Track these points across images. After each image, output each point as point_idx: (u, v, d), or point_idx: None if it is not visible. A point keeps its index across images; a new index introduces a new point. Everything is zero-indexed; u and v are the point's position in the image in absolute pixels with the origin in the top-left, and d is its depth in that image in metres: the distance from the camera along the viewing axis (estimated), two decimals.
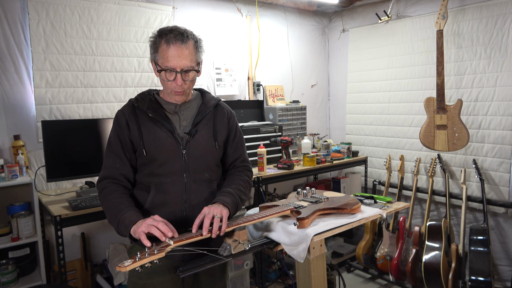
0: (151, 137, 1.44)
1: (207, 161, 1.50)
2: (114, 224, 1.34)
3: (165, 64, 1.36)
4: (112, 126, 1.50)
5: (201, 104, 1.54)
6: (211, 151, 1.51)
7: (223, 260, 1.25)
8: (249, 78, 3.47)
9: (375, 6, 3.56)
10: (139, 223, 1.25)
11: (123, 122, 1.46)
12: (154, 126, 1.45)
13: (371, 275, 3.35)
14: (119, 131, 1.46)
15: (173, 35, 1.35)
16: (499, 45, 2.79)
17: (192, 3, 3.08)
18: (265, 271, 2.94)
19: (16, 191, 2.32)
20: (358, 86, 3.80)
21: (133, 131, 1.45)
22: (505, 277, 2.89)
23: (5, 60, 2.32)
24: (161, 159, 1.44)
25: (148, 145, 1.43)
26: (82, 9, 2.52)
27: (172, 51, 1.35)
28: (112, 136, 1.48)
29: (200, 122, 1.50)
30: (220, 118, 1.55)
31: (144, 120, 1.45)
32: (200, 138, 1.48)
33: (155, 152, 1.43)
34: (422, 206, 3.39)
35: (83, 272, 2.57)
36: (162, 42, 1.36)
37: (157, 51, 1.38)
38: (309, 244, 1.30)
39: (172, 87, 1.40)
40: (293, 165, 2.91)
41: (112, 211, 1.36)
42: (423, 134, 2.93)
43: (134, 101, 1.49)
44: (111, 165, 1.45)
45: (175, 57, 1.35)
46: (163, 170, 1.44)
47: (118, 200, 1.38)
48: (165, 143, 1.43)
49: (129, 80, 2.74)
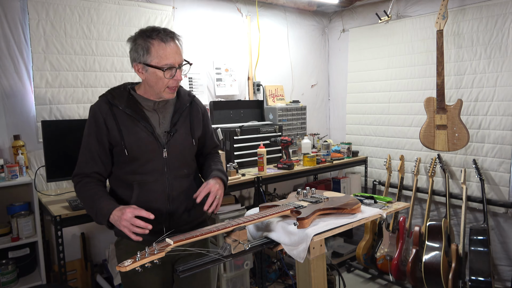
0: (132, 137, 1.45)
1: (185, 158, 1.57)
2: (92, 214, 1.41)
3: (165, 62, 1.38)
4: (88, 123, 1.49)
5: (177, 101, 1.57)
6: (189, 148, 1.58)
7: (223, 260, 1.25)
8: (249, 78, 3.47)
9: (375, 6, 3.56)
10: (115, 213, 1.33)
11: (100, 120, 1.45)
12: (134, 126, 1.46)
13: (371, 275, 3.35)
14: (96, 129, 1.46)
15: (165, 34, 1.39)
16: (499, 45, 2.79)
17: (192, 3, 3.08)
18: (265, 271, 2.94)
19: (16, 191, 2.31)
20: (358, 86, 3.80)
21: (112, 131, 1.45)
22: (505, 277, 2.89)
23: (5, 60, 2.32)
24: (143, 159, 1.47)
25: (129, 145, 1.44)
26: (82, 9, 2.52)
27: (170, 49, 1.39)
28: (88, 133, 1.48)
29: (178, 120, 1.54)
30: (196, 114, 1.61)
31: (123, 120, 1.46)
32: (178, 137, 1.53)
33: (136, 152, 1.45)
34: (422, 206, 3.39)
35: (83, 272, 2.57)
36: (154, 42, 1.38)
37: (149, 52, 1.38)
38: (309, 244, 1.30)
39: (169, 84, 1.42)
40: (293, 165, 2.91)
41: (88, 202, 1.43)
42: (423, 134, 2.93)
43: (110, 98, 1.47)
44: (84, 163, 1.47)
45: (173, 53, 1.39)
46: (145, 169, 1.48)
47: (93, 191, 1.43)
48: (146, 143, 1.46)
49: (129, 80, 2.72)
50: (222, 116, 3.14)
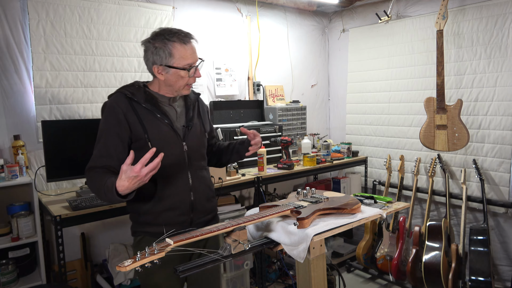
0: (154, 131, 1.50)
1: (201, 151, 1.67)
2: (102, 196, 1.38)
3: (186, 62, 1.47)
4: (104, 118, 1.49)
5: (187, 98, 1.65)
6: (203, 140, 1.69)
7: (223, 260, 1.25)
8: (249, 78, 3.47)
9: (375, 6, 3.56)
10: (117, 181, 1.29)
11: (121, 116, 1.46)
12: (155, 120, 1.51)
13: (371, 275, 3.35)
14: (115, 124, 1.46)
15: (183, 35, 1.47)
16: (499, 45, 2.79)
17: (192, 3, 3.08)
18: (265, 271, 2.94)
19: (16, 191, 2.31)
20: (358, 86, 3.80)
21: (133, 125, 1.47)
22: (505, 277, 2.89)
23: (5, 60, 2.32)
24: (166, 152, 1.48)
25: (153, 139, 1.48)
26: (82, 9, 2.52)
27: (190, 49, 1.48)
28: (105, 128, 1.47)
29: (192, 115, 1.62)
30: (203, 109, 1.73)
31: (144, 114, 1.50)
32: (195, 130, 1.62)
33: (160, 146, 1.46)
34: (422, 206, 3.39)
35: (83, 272, 2.57)
36: (175, 44, 1.45)
37: (172, 55, 1.45)
38: (309, 244, 1.30)
39: (190, 82, 1.52)
40: (293, 165, 2.91)
41: (97, 188, 1.40)
42: (423, 134, 2.93)
43: (130, 94, 1.49)
44: (99, 157, 1.46)
45: (193, 54, 1.49)
46: (167, 161, 1.48)
47: (100, 177, 1.40)
48: (168, 136, 1.52)
49: (129, 80, 2.74)
50: (222, 116, 3.15)
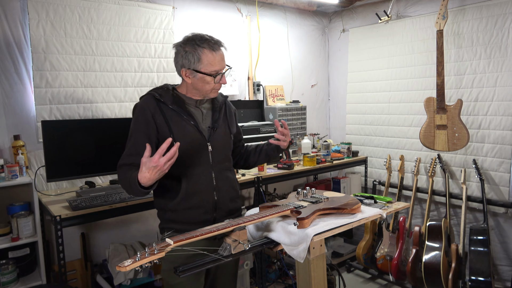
0: (180, 131, 1.56)
1: (226, 152, 1.73)
2: (129, 190, 1.46)
3: (213, 69, 1.54)
4: (135, 119, 1.58)
5: (214, 100, 1.71)
6: (229, 142, 1.74)
7: (223, 260, 1.25)
8: (249, 78, 3.47)
9: (375, 6, 3.56)
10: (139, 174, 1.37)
11: (149, 117, 1.55)
12: (181, 121, 1.58)
13: (371, 275, 3.35)
14: (144, 125, 1.55)
15: (213, 42, 1.55)
16: (499, 45, 2.79)
17: (192, 3, 3.08)
18: (265, 271, 2.94)
19: (16, 191, 2.31)
20: (358, 86, 3.80)
21: (160, 126, 1.55)
22: (505, 277, 2.89)
23: (5, 60, 2.32)
24: (191, 152, 1.58)
25: (178, 139, 1.53)
26: (82, 9, 2.52)
27: (218, 57, 1.55)
28: (135, 129, 1.56)
29: (218, 117, 1.68)
30: (230, 112, 1.78)
31: (171, 115, 1.57)
32: (220, 132, 1.68)
33: (185, 146, 1.53)
34: (422, 206, 3.39)
35: (83, 272, 2.57)
36: (205, 50, 1.53)
37: (200, 60, 1.53)
38: (309, 244, 1.30)
39: (216, 87, 1.59)
40: (293, 165, 2.91)
41: (124, 182, 1.48)
42: (423, 134, 2.93)
43: (158, 96, 1.57)
44: (128, 156, 1.54)
45: (220, 61, 1.56)
46: (192, 161, 1.59)
47: (128, 173, 1.48)
48: (193, 137, 1.59)
49: (129, 80, 2.74)
50: None
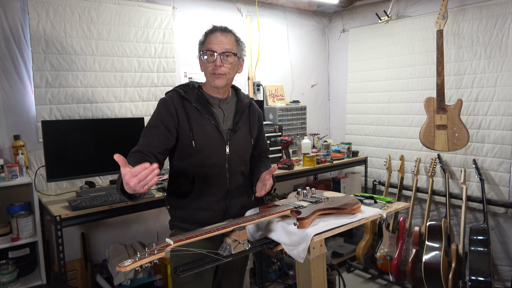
0: (199, 130, 1.54)
1: (244, 156, 1.69)
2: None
3: (207, 47, 1.54)
4: (157, 111, 1.56)
5: (238, 102, 1.70)
6: (248, 146, 1.70)
7: (223, 260, 1.25)
8: (249, 78, 3.47)
9: (375, 6, 3.56)
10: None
11: (173, 110, 1.54)
12: (202, 120, 1.56)
13: (371, 275, 3.35)
14: (167, 117, 1.53)
15: (216, 27, 1.57)
16: (499, 45, 2.79)
17: (192, 3, 3.08)
18: (265, 271, 2.94)
19: (16, 191, 2.31)
20: (358, 86, 3.80)
21: (182, 122, 1.54)
22: (505, 277, 2.89)
23: (5, 60, 2.32)
24: (208, 152, 1.56)
25: (197, 138, 1.53)
26: (82, 9, 2.52)
27: (214, 37, 1.54)
28: (155, 119, 1.54)
29: (239, 120, 1.65)
30: (253, 116, 1.73)
31: (193, 113, 1.56)
32: (240, 135, 1.64)
33: (203, 145, 1.53)
34: (422, 206, 3.39)
35: (83, 272, 2.57)
36: (206, 33, 1.57)
37: (201, 42, 1.58)
38: (309, 244, 1.30)
39: (210, 69, 1.54)
40: (293, 165, 2.91)
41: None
42: (423, 134, 2.93)
43: (183, 93, 1.58)
44: (141, 145, 1.48)
45: (216, 41, 1.53)
46: (208, 162, 1.57)
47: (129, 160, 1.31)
48: (212, 137, 1.57)
49: (129, 80, 2.74)
50: None
